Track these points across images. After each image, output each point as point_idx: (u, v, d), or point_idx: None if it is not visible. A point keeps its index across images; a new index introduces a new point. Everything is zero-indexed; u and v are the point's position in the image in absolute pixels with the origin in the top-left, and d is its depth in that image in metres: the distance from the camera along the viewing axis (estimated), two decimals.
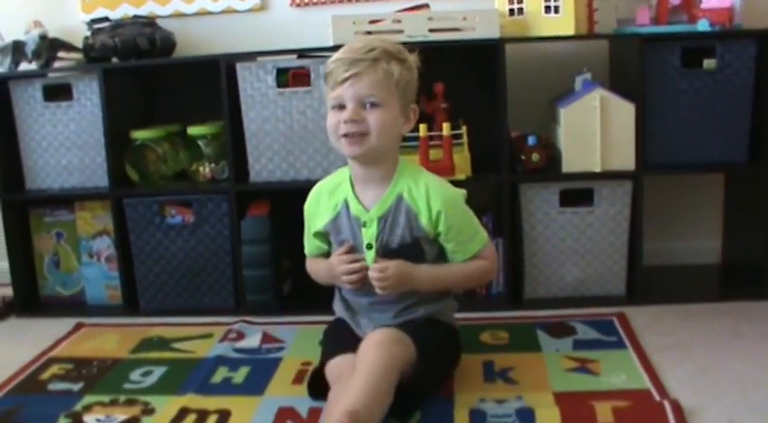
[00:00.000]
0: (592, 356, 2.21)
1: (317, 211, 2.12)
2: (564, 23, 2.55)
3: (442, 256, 2.09)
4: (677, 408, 1.85)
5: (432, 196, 2.01)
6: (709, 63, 2.55)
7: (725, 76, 2.55)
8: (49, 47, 2.78)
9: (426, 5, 2.74)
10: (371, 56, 1.92)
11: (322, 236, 2.14)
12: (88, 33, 2.81)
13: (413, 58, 2.01)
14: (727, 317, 2.46)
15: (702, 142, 2.59)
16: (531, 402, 1.95)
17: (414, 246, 2.03)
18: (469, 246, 2.06)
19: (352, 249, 2.06)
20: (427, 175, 2.06)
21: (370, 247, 2.03)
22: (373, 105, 1.93)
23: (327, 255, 2.16)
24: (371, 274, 2.00)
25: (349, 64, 1.92)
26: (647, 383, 2.03)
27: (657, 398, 1.94)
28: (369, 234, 2.03)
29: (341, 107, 1.96)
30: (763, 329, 2.36)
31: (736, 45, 2.53)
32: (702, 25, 2.51)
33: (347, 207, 2.06)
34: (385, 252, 2.03)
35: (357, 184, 2.07)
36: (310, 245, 2.20)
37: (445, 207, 2.00)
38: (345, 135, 1.95)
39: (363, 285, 2.04)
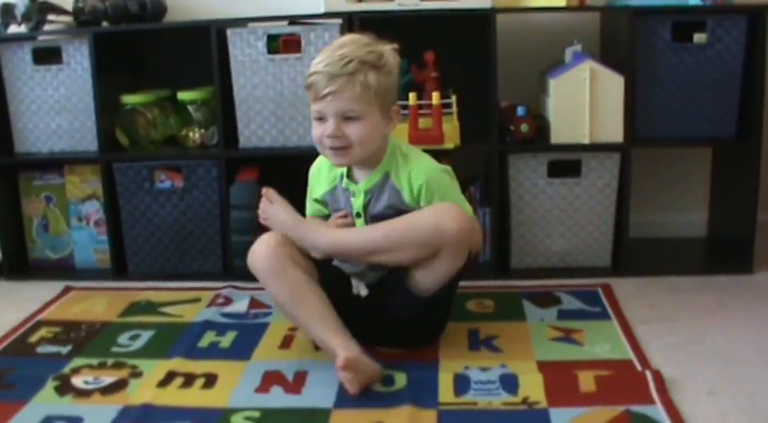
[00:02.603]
0: (576, 326, 2.23)
1: (319, 179, 2.22)
2: None
3: None
4: (659, 378, 1.88)
5: (414, 174, 2.05)
6: (699, 37, 2.55)
7: (715, 51, 2.56)
8: (39, 10, 2.76)
9: None
10: (348, 70, 1.95)
11: (321, 202, 2.23)
12: None
13: (391, 56, 2.04)
14: (711, 290, 2.49)
15: (691, 116, 2.60)
16: (515, 370, 1.97)
17: (399, 215, 2.06)
18: None
19: (348, 215, 2.15)
20: (415, 157, 2.11)
21: (359, 215, 2.11)
22: (353, 119, 1.99)
23: (326, 217, 2.23)
24: None
25: (327, 80, 1.95)
26: (629, 354, 2.05)
27: (640, 368, 1.96)
28: (357, 203, 2.11)
29: (321, 119, 2.02)
30: (746, 303, 2.38)
31: (726, 20, 2.53)
32: None
33: (342, 181, 2.14)
34: (372, 219, 2.10)
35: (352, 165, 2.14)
36: (311, 207, 2.27)
37: (427, 182, 2.04)
38: (330, 147, 2.02)
39: None
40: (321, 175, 2.21)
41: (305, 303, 1.99)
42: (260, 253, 2.04)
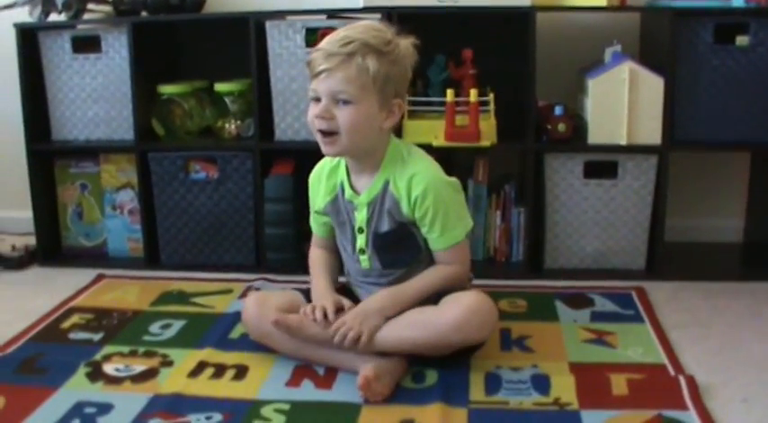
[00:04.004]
0: (609, 329, 2.22)
1: (318, 190, 2.13)
2: None
3: None
4: (692, 383, 1.86)
5: (414, 182, 1.96)
6: (741, 40, 2.52)
7: (757, 55, 2.52)
8: None
9: None
10: (347, 50, 1.85)
11: (324, 214, 2.14)
12: None
13: (403, 47, 1.94)
14: (747, 297, 2.46)
15: (730, 120, 2.57)
16: (546, 370, 1.96)
17: (402, 228, 2.00)
18: (441, 238, 1.99)
19: (341, 309, 2.01)
20: (417, 161, 2.01)
21: (361, 230, 2.04)
22: (345, 102, 1.88)
23: (332, 230, 2.16)
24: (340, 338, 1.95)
25: (324, 58, 1.87)
26: (663, 358, 2.03)
27: (673, 373, 1.94)
28: (360, 218, 2.03)
29: (317, 100, 1.92)
30: None
31: None
32: (737, 1, 2.48)
33: (342, 190, 2.06)
34: (375, 236, 2.02)
35: (351, 169, 2.06)
36: (315, 221, 2.19)
37: (424, 192, 1.95)
38: (319, 131, 1.93)
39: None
40: (321, 185, 2.11)
41: (302, 349, 2.01)
42: (244, 320, 2.10)
